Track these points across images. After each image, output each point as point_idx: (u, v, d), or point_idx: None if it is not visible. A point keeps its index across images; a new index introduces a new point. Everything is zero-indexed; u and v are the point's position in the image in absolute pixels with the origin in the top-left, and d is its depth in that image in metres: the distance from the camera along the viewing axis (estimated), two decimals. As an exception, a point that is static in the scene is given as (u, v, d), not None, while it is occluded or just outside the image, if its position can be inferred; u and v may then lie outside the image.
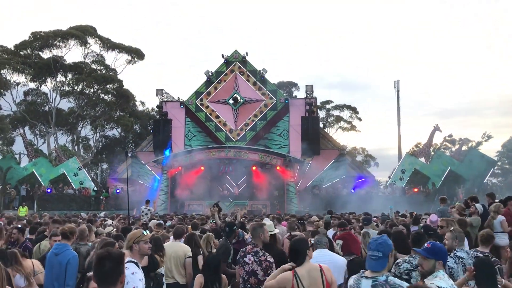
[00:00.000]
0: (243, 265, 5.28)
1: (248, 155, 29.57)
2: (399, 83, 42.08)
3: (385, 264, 3.64)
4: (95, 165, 53.05)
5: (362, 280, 3.61)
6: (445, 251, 4.14)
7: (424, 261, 3.96)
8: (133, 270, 4.44)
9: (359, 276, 3.66)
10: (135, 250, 4.75)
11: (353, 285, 3.65)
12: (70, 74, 45.83)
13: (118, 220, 14.53)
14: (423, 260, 3.97)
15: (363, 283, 3.59)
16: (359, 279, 3.64)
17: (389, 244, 3.69)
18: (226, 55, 34.77)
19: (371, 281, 3.54)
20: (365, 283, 3.58)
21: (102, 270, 2.96)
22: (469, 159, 32.37)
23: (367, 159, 61.46)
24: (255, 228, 5.92)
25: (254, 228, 5.94)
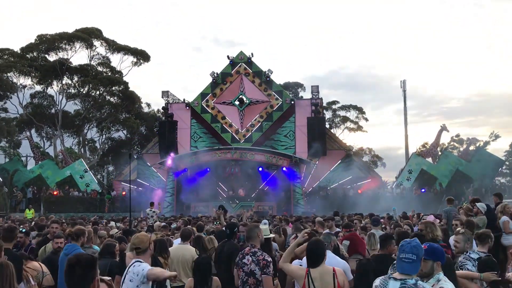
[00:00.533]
0: (241, 266, 5.26)
1: (254, 156, 29.48)
2: (405, 83, 41.91)
3: (418, 268, 3.55)
4: (101, 167, 53.27)
5: (390, 281, 3.53)
6: (442, 252, 4.07)
7: (422, 263, 3.82)
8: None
9: (387, 277, 3.60)
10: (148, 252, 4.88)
11: (380, 286, 3.59)
12: (76, 77, 46.04)
13: (124, 223, 14.47)
14: (422, 261, 3.86)
15: (391, 284, 3.51)
16: (387, 281, 3.57)
17: (422, 248, 3.62)
18: (232, 57, 34.72)
19: (399, 283, 3.46)
20: (392, 284, 3.50)
21: (72, 277, 2.88)
22: (477, 159, 32.10)
23: (374, 159, 61.28)
24: (252, 229, 5.90)
25: (251, 229, 5.91)
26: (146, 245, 4.72)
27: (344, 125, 59.34)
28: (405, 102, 41.92)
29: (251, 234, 5.66)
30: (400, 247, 3.61)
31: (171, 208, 28.60)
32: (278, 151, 30.80)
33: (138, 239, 4.82)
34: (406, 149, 41.15)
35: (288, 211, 26.47)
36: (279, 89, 34.93)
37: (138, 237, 4.88)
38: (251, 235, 5.64)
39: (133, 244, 4.80)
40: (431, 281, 3.84)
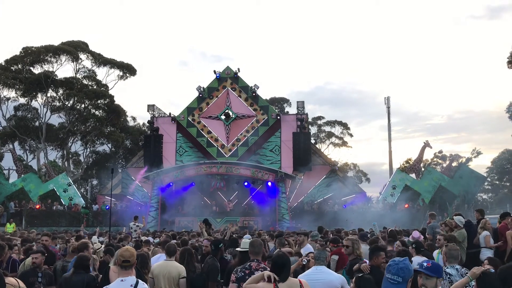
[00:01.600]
0: None
1: (240, 170, 29.48)
2: (389, 100, 42.48)
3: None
4: (85, 181, 52.65)
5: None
6: (441, 268, 4.13)
7: (427, 281, 3.86)
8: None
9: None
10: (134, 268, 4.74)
11: None
12: (61, 90, 45.66)
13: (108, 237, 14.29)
14: (426, 279, 3.87)
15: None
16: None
17: (410, 269, 3.64)
18: (218, 71, 34.93)
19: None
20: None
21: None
22: (459, 175, 32.53)
23: (359, 175, 61.72)
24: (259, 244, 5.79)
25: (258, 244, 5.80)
26: (134, 259, 4.67)
27: (329, 140, 59.82)
28: (389, 118, 42.50)
29: (258, 249, 5.55)
30: (388, 267, 3.65)
31: (155, 223, 28.38)
32: (263, 166, 30.87)
33: (129, 252, 4.72)
34: (390, 165, 41.63)
35: (274, 226, 26.48)
36: (265, 104, 35.14)
37: (128, 250, 4.78)
38: (258, 250, 5.54)
39: (123, 257, 4.67)
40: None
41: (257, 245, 5.60)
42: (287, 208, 29.13)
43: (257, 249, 5.55)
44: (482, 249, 9.49)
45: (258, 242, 5.67)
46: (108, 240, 12.31)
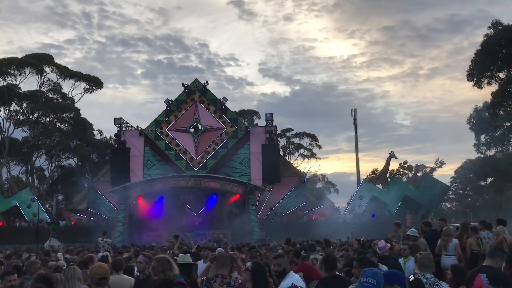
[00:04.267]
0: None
1: (209, 183, 29.32)
2: (356, 112, 43.23)
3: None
4: (50, 196, 51.30)
5: None
6: (400, 276, 4.21)
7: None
8: None
9: None
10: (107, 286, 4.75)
11: None
12: (25, 103, 44.70)
13: (76, 254, 13.95)
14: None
15: None
16: None
17: (382, 276, 3.77)
18: (187, 84, 34.89)
19: None
20: None
21: None
22: (424, 184, 33.34)
23: (327, 185, 62.41)
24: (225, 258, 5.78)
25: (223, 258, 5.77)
26: (109, 276, 4.64)
27: (298, 152, 60.38)
28: (355, 130, 43.23)
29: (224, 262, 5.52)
30: (363, 272, 3.77)
31: (123, 238, 27.82)
32: (233, 178, 30.83)
33: (103, 269, 4.67)
34: (358, 176, 42.24)
35: (243, 239, 26.41)
36: (234, 116, 35.24)
37: (102, 267, 4.73)
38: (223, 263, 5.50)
39: (99, 274, 4.60)
40: None
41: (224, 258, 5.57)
42: (256, 220, 29.11)
43: (222, 261, 5.51)
44: (442, 256, 9.74)
45: (225, 255, 5.66)
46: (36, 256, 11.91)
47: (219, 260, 5.61)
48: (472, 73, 41.16)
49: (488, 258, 5.80)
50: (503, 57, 38.99)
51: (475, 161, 47.87)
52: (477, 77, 41.10)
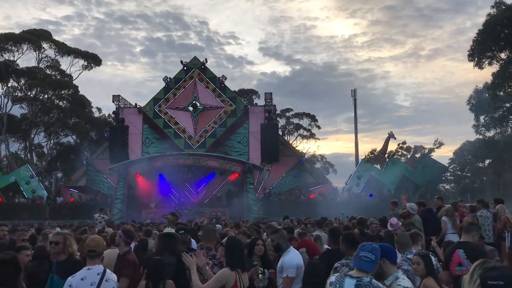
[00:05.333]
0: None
1: (208, 162, 29.39)
2: (356, 92, 43.02)
3: (374, 268, 3.66)
4: (49, 173, 51.41)
5: (346, 279, 3.58)
6: (389, 249, 4.24)
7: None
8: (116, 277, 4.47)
9: (343, 275, 3.64)
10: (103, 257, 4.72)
11: (335, 283, 3.61)
12: (23, 79, 44.42)
13: (74, 230, 13.98)
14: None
15: (347, 282, 3.56)
16: (343, 278, 3.60)
17: (379, 252, 3.76)
18: (185, 62, 34.61)
19: (355, 280, 3.52)
20: (348, 282, 3.55)
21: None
22: (422, 165, 33.37)
23: (326, 166, 62.60)
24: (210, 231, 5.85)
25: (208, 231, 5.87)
26: (101, 249, 4.60)
27: (297, 132, 60.37)
28: (355, 111, 43.04)
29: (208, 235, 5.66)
30: (361, 246, 3.73)
31: (121, 215, 28.00)
32: (231, 157, 30.87)
33: (95, 242, 4.66)
34: (356, 156, 42.24)
35: (242, 217, 26.56)
36: (233, 95, 35.07)
37: (94, 240, 4.73)
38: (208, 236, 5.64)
39: (88, 246, 4.61)
40: (390, 278, 4.00)
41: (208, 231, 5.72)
42: (254, 199, 29.25)
43: (207, 235, 5.65)
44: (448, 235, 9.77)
45: (210, 228, 5.74)
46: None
47: (205, 234, 5.73)
48: (473, 53, 40.90)
49: (464, 234, 5.98)
50: (505, 37, 38.68)
51: (474, 142, 47.88)
52: (478, 58, 40.85)
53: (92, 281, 4.29)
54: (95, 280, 4.30)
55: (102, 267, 4.44)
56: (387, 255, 4.11)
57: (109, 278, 4.40)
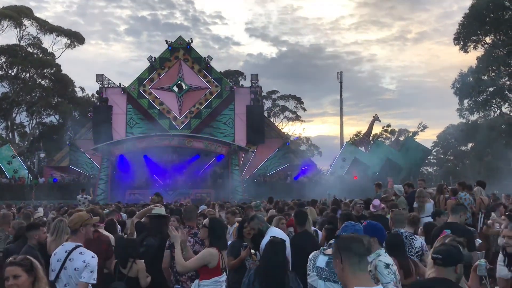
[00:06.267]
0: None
1: (193, 143, 29.21)
2: (342, 75, 43.00)
3: None
4: (32, 153, 50.73)
5: (320, 256, 3.72)
6: (380, 229, 4.28)
7: None
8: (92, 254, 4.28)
9: (318, 252, 3.79)
10: (81, 234, 4.50)
11: (311, 259, 3.80)
12: (4, 57, 43.46)
13: (57, 211, 13.81)
14: None
15: (320, 258, 3.71)
16: (317, 254, 3.76)
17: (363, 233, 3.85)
18: (170, 41, 34.12)
19: (327, 258, 3.64)
20: (321, 259, 3.70)
21: None
22: (406, 148, 33.73)
23: (311, 148, 62.86)
24: (191, 211, 5.87)
25: (189, 211, 5.89)
26: (76, 226, 4.50)
27: (283, 114, 60.36)
28: (341, 93, 43.05)
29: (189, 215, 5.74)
30: (344, 227, 3.81)
31: (105, 196, 27.80)
32: (217, 139, 30.75)
33: (71, 218, 4.68)
34: (341, 139, 42.40)
35: (226, 199, 26.57)
36: (218, 76, 34.79)
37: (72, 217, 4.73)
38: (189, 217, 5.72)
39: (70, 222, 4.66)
40: (372, 255, 4.02)
41: (190, 211, 5.80)
42: (239, 180, 29.27)
43: (188, 215, 5.73)
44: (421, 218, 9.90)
45: (191, 208, 5.78)
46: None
47: (186, 213, 5.82)
48: (459, 37, 41.05)
49: (451, 214, 6.18)
50: (491, 22, 38.85)
51: (457, 126, 48.41)
52: (463, 42, 41.03)
53: (59, 258, 4.26)
54: (61, 257, 4.25)
55: (72, 245, 4.33)
56: (379, 234, 4.19)
57: (75, 257, 4.21)
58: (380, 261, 3.94)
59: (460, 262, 3.19)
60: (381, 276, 3.86)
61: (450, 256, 3.17)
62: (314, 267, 3.71)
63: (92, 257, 4.24)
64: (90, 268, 4.16)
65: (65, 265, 4.19)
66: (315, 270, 3.68)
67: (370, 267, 3.98)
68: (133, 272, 5.06)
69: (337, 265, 2.74)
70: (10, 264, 3.02)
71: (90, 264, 4.18)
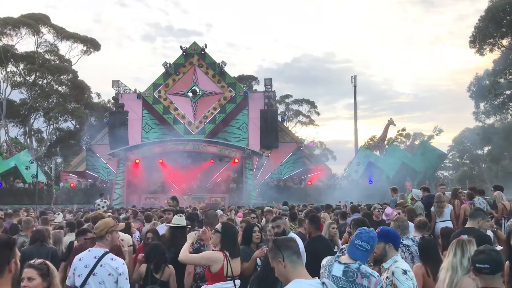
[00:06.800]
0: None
1: (207, 148, 29.38)
2: (356, 78, 42.90)
3: (367, 257, 3.65)
4: (49, 158, 51.51)
5: (335, 264, 3.57)
6: (395, 235, 4.20)
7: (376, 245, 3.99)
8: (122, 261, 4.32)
9: (333, 260, 3.62)
10: (107, 241, 4.46)
11: (325, 266, 3.63)
12: (22, 64, 44.25)
13: (74, 215, 14.04)
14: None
15: (335, 267, 3.55)
16: (332, 262, 3.60)
17: (377, 240, 3.73)
18: (185, 47, 34.41)
19: (343, 266, 3.51)
20: (337, 267, 3.55)
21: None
22: (421, 152, 33.42)
23: (325, 152, 62.65)
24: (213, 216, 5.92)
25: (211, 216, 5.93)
26: (102, 232, 4.46)
27: (297, 118, 60.31)
28: (355, 97, 42.94)
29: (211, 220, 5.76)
30: (358, 234, 3.66)
31: (121, 200, 28.07)
32: (231, 143, 30.86)
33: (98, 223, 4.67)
34: (356, 143, 42.24)
35: (241, 203, 26.65)
36: (232, 81, 34.96)
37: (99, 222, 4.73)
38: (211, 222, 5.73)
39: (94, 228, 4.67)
40: (389, 261, 3.98)
41: (212, 217, 5.81)
42: (253, 185, 29.32)
43: (211, 220, 5.75)
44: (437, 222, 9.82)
45: (213, 213, 5.80)
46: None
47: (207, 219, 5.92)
48: (474, 39, 40.66)
49: (470, 220, 5.88)
50: (507, 24, 38.41)
51: (473, 129, 47.85)
52: (479, 44, 40.63)
53: (87, 263, 4.24)
54: (90, 263, 4.24)
55: (102, 251, 4.33)
56: (393, 240, 4.12)
57: (106, 263, 4.23)
58: (397, 267, 3.86)
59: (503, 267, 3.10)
60: (399, 282, 3.78)
61: (497, 263, 3.06)
62: (329, 275, 3.56)
63: (123, 263, 4.30)
64: (124, 275, 4.22)
65: (94, 271, 4.19)
66: (331, 278, 3.53)
67: (387, 273, 3.95)
68: (165, 276, 5.20)
69: (279, 263, 2.99)
70: (28, 266, 3.07)
71: (124, 271, 4.23)
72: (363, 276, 3.45)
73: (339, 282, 3.49)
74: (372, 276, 3.48)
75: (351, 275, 3.47)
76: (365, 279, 3.45)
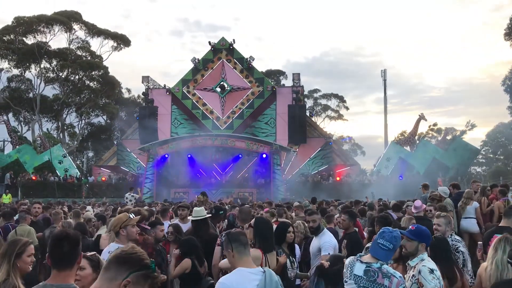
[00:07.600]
0: None
1: (235, 143, 29.47)
2: (386, 72, 42.28)
3: (390, 257, 3.68)
4: (81, 152, 52.74)
5: (357, 263, 3.61)
6: (428, 234, 4.16)
7: (407, 243, 4.02)
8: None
9: (355, 259, 3.66)
10: (123, 236, 4.50)
11: (348, 266, 3.67)
12: (55, 61, 45.31)
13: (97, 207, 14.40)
14: (407, 241, 4.03)
15: (357, 266, 3.59)
16: (354, 262, 3.64)
17: (400, 240, 3.72)
18: (213, 42, 34.56)
19: (364, 265, 3.54)
20: (358, 266, 3.58)
21: (59, 252, 2.79)
22: (453, 147, 32.67)
23: (354, 148, 62.06)
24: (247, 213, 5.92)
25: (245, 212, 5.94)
26: (116, 229, 4.55)
27: (325, 113, 59.88)
28: (385, 91, 42.37)
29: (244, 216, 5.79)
30: (381, 233, 3.66)
31: (151, 194, 28.47)
32: (258, 138, 30.87)
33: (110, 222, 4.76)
34: (386, 138, 41.71)
35: (268, 198, 26.66)
36: (260, 76, 34.93)
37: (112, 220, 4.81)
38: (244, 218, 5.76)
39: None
40: (415, 260, 3.99)
41: (246, 213, 5.83)
42: (281, 180, 29.27)
43: (244, 216, 5.76)
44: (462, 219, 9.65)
45: (247, 210, 5.80)
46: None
47: (241, 215, 5.94)
48: (510, 31, 39.43)
49: (504, 218, 5.76)
50: (545, 15, 37.08)
51: (508, 124, 46.49)
52: (515, 36, 39.39)
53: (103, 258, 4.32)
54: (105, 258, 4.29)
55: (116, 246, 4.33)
56: (427, 240, 4.09)
57: None
58: (424, 266, 3.86)
59: None
60: (425, 281, 3.78)
61: None
62: (351, 275, 3.59)
63: None
64: None
65: None
66: (353, 278, 3.57)
67: (413, 271, 3.95)
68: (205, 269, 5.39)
69: (229, 254, 3.48)
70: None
71: None
72: (384, 276, 3.47)
73: (361, 281, 3.53)
74: (394, 277, 3.48)
75: (372, 274, 3.49)
76: (386, 279, 3.46)
